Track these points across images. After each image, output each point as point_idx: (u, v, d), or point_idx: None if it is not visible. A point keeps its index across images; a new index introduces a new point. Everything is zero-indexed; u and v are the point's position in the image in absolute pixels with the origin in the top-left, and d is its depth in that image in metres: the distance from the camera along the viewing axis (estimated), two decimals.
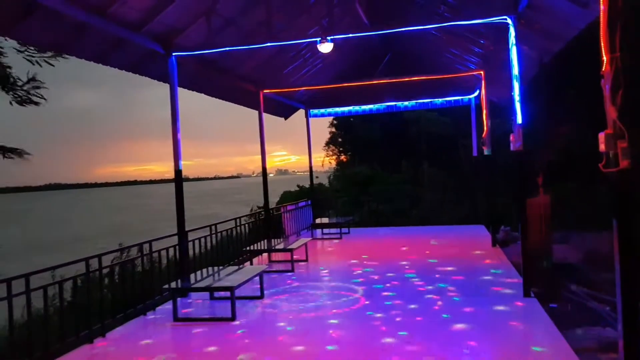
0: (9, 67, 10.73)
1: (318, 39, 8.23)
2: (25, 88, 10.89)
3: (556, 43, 7.84)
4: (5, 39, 9.64)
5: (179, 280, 7.21)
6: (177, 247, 7.98)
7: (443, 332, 5.65)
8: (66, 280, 5.89)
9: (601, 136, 3.18)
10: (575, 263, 10.93)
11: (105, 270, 6.53)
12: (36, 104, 11.16)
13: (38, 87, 10.98)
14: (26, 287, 5.20)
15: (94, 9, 6.43)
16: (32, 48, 10.46)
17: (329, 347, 5.39)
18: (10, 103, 10.91)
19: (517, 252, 7.58)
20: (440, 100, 14.96)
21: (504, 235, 12.90)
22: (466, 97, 14.35)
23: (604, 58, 2.98)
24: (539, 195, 9.95)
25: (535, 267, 9.35)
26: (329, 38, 8.13)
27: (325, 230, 14.47)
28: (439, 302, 6.82)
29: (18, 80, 10.85)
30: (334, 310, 6.79)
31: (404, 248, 11.53)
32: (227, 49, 8.51)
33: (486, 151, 10.95)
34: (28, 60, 10.63)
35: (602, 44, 2.96)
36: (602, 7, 2.92)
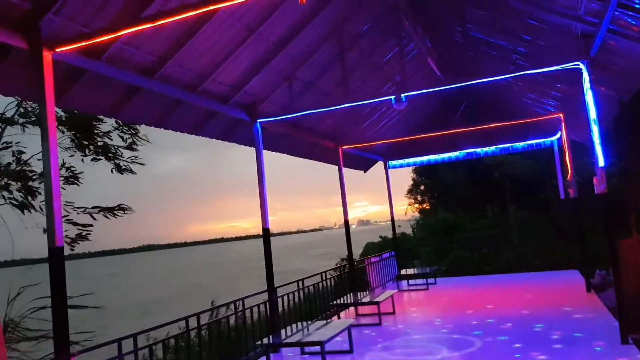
0: (110, 136, 11.73)
1: (392, 97, 8.51)
2: (124, 158, 11.88)
3: (634, 82, 7.72)
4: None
5: (270, 336, 7.51)
6: (267, 303, 8.33)
7: None
8: (170, 337, 6.35)
9: None
10: None
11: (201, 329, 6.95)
12: (133, 172, 12.13)
13: (135, 155, 11.94)
14: (134, 346, 5.67)
15: (188, 87, 7.16)
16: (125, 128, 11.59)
17: None
18: (112, 171, 11.96)
19: (614, 297, 7.25)
20: (521, 144, 14.75)
21: (600, 280, 12.31)
22: (548, 140, 14.08)
23: None
24: (633, 237, 9.51)
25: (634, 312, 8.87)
26: (402, 96, 8.39)
27: (411, 281, 14.28)
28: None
29: (118, 150, 11.86)
30: None
31: (495, 297, 11.26)
32: (307, 112, 9.00)
33: (572, 194, 10.66)
34: (121, 137, 11.71)
35: None
36: None
